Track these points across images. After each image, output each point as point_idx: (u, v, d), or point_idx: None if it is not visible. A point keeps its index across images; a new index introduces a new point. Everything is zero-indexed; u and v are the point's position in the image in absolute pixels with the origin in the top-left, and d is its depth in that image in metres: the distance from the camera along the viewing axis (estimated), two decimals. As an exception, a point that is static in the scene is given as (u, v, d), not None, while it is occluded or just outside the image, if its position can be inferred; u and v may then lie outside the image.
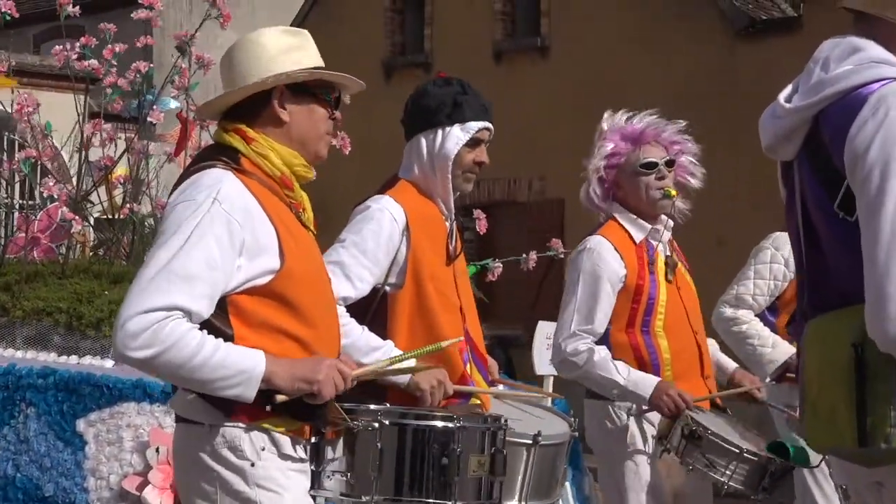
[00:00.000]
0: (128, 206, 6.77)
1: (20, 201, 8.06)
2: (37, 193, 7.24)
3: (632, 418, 4.80)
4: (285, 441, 3.16)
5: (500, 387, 4.91)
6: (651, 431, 4.79)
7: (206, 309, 3.04)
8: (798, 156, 2.97)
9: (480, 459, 3.41)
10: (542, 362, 9.45)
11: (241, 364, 3.02)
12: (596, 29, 16.50)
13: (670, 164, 4.92)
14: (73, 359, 5.76)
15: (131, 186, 6.87)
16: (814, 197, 2.91)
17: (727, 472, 4.52)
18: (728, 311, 5.60)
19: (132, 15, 6.76)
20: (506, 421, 3.59)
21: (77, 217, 6.32)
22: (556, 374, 9.17)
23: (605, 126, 4.99)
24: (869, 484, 2.86)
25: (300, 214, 3.32)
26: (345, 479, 3.28)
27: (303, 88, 3.30)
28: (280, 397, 3.07)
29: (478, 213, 7.33)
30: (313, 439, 3.22)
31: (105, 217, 7.06)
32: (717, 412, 4.87)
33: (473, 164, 4.26)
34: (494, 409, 4.21)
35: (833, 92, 2.86)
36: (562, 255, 7.91)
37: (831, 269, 2.88)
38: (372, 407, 3.37)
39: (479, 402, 4.24)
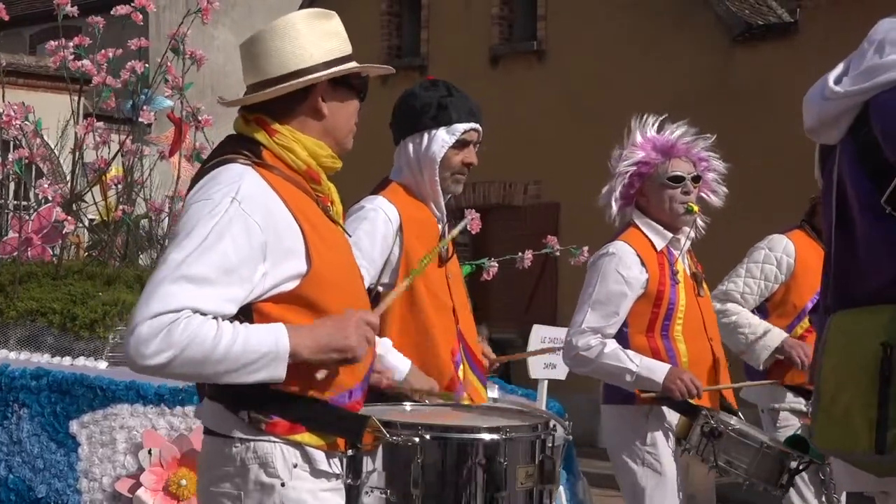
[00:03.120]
0: (121, 207, 6.76)
1: (14, 202, 8.03)
2: (31, 195, 7.22)
3: (651, 420, 4.82)
4: (319, 456, 2.98)
5: (494, 391, 4.92)
6: (671, 433, 4.82)
7: (221, 311, 2.82)
8: (842, 142, 2.81)
9: (529, 470, 3.18)
10: (537, 366, 9.45)
11: (264, 345, 2.81)
12: (593, 33, 16.52)
13: (696, 179, 4.98)
14: (67, 360, 5.75)
15: (123, 188, 6.86)
16: (856, 188, 2.75)
17: (748, 468, 4.60)
18: (717, 305, 5.62)
19: (112, 11, 6.75)
20: (554, 426, 3.37)
21: (70, 218, 6.31)
22: (550, 377, 9.18)
23: (636, 131, 5.00)
24: (876, 493, 2.75)
25: (328, 209, 3.12)
26: (384, 496, 3.04)
27: (342, 80, 3.12)
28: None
29: (471, 212, 7.31)
30: (349, 452, 3.01)
31: (100, 219, 7.05)
32: (728, 415, 4.90)
33: (462, 165, 4.26)
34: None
35: (886, 80, 2.71)
36: (557, 253, 7.91)
37: (865, 264, 2.72)
38: (412, 419, 3.20)
39: (469, 401, 4.21)
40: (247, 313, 2.90)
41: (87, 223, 7.34)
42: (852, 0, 14.11)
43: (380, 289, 4.17)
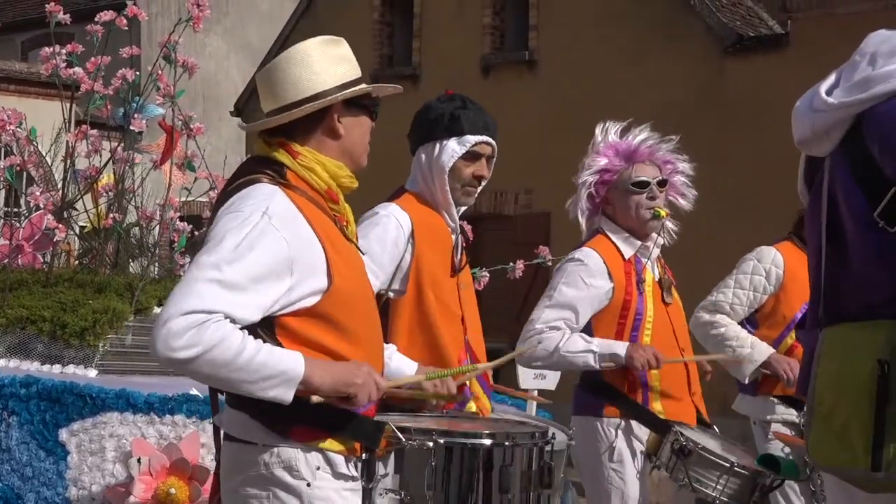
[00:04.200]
0: (112, 215, 6.75)
1: (5, 209, 8.02)
2: (22, 202, 7.21)
3: (620, 434, 4.80)
4: (339, 460, 3.14)
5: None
6: (639, 448, 4.79)
7: (249, 317, 2.98)
8: (834, 154, 2.78)
9: (531, 475, 3.44)
10: (527, 376, 9.45)
11: (282, 365, 2.97)
12: (584, 43, 16.55)
13: (662, 183, 4.92)
14: (57, 368, 5.74)
15: (114, 196, 6.85)
16: (849, 201, 2.71)
17: (718, 486, 4.52)
18: (705, 317, 5.62)
19: (96, 17, 6.75)
20: (553, 434, 3.61)
21: (61, 226, 6.30)
22: (539, 387, 9.19)
23: (598, 139, 4.97)
24: None
25: (344, 228, 3.28)
26: (398, 497, 3.29)
27: (354, 101, 3.31)
28: (316, 398, 3.03)
29: (462, 223, 7.31)
30: (364, 455, 3.18)
31: (91, 227, 7.04)
32: (703, 428, 4.87)
33: (473, 177, 4.33)
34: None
35: (881, 92, 2.68)
36: (549, 263, 7.91)
37: (858, 278, 2.69)
38: (425, 425, 3.42)
39: (475, 407, 4.26)
40: (269, 326, 3.06)
41: (77, 231, 7.33)
42: (843, 12, 14.16)
43: (390, 294, 4.21)
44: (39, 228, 6.69)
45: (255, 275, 2.97)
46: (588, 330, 4.85)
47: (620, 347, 4.74)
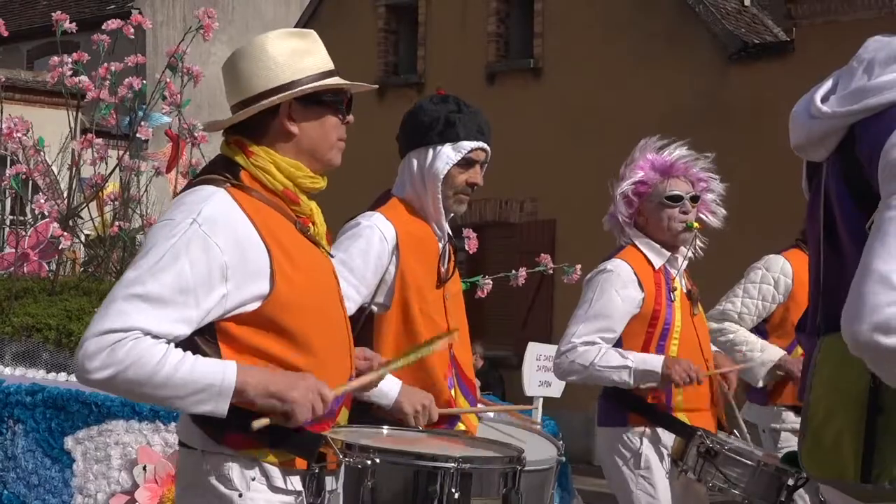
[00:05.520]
0: (118, 223, 6.76)
1: (11, 217, 8.03)
2: (28, 210, 7.22)
3: (646, 442, 4.81)
4: (275, 472, 3.01)
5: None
6: (666, 454, 4.81)
7: (174, 331, 2.87)
8: (829, 161, 2.74)
9: (487, 502, 3.18)
10: (532, 383, 9.45)
11: (209, 377, 2.86)
12: (589, 51, 16.56)
13: (695, 199, 4.97)
14: (62, 376, 5.74)
15: (120, 203, 6.87)
16: (842, 209, 2.68)
17: (746, 486, 4.55)
18: (713, 325, 5.59)
19: (103, 26, 6.77)
20: (522, 458, 3.30)
21: (66, 234, 6.31)
22: (545, 395, 9.19)
23: (637, 153, 5.00)
24: None
25: (307, 229, 3.13)
26: None
27: (312, 98, 3.10)
28: (257, 423, 2.90)
29: (468, 231, 7.32)
30: (316, 469, 3.01)
31: (96, 235, 7.05)
32: (724, 434, 4.88)
33: (466, 185, 4.14)
34: (480, 433, 4.16)
35: (874, 104, 2.63)
36: (550, 271, 7.90)
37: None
38: (368, 442, 3.14)
39: (464, 426, 4.16)
40: (210, 332, 2.95)
41: (83, 239, 7.34)
42: (848, 19, 14.17)
43: (374, 308, 4.07)
44: (45, 237, 6.70)
45: (179, 286, 2.86)
46: (616, 339, 4.87)
47: (657, 363, 4.73)
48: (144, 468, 5.03)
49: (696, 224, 4.92)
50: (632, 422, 4.85)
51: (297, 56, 3.11)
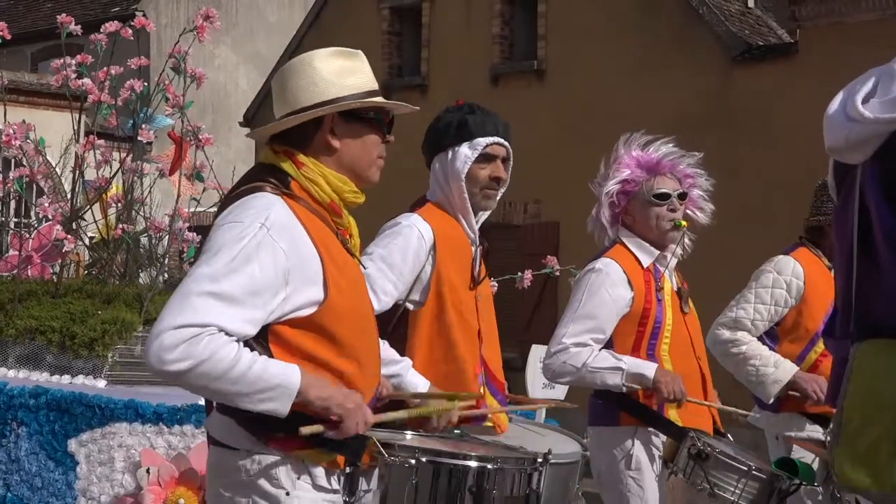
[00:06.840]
0: (121, 226, 6.76)
1: (14, 220, 8.04)
2: (32, 213, 7.23)
3: (637, 442, 4.79)
4: (320, 472, 3.13)
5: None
6: (657, 455, 4.79)
7: (244, 331, 2.98)
8: (866, 166, 2.69)
9: (514, 500, 3.38)
10: (536, 386, 9.45)
11: (278, 377, 2.97)
12: (593, 53, 16.56)
13: (682, 196, 4.94)
14: (66, 378, 5.75)
15: (123, 206, 6.86)
16: (880, 217, 2.63)
17: (737, 490, 4.51)
18: (726, 334, 5.48)
19: (102, 27, 6.76)
20: (546, 460, 3.52)
21: (70, 236, 6.31)
22: (549, 397, 9.16)
23: (621, 151, 4.98)
24: None
25: (346, 241, 3.27)
26: None
27: (355, 115, 3.25)
28: (307, 430, 3.02)
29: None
30: (347, 469, 3.16)
31: (100, 237, 7.05)
32: (718, 437, 4.85)
33: (489, 179, 4.34)
34: (488, 447, 4.18)
35: None
36: (557, 273, 7.89)
37: (889, 294, 2.61)
38: (409, 442, 3.36)
39: (492, 424, 4.24)
40: (263, 334, 3.05)
41: (87, 241, 7.34)
42: (852, 21, 14.15)
43: (408, 305, 4.21)
44: (48, 239, 6.71)
45: (251, 288, 2.96)
46: (606, 340, 4.85)
47: (650, 370, 4.72)
48: (148, 471, 5.04)
49: (683, 223, 4.90)
50: (623, 421, 4.83)
51: (343, 74, 3.26)
